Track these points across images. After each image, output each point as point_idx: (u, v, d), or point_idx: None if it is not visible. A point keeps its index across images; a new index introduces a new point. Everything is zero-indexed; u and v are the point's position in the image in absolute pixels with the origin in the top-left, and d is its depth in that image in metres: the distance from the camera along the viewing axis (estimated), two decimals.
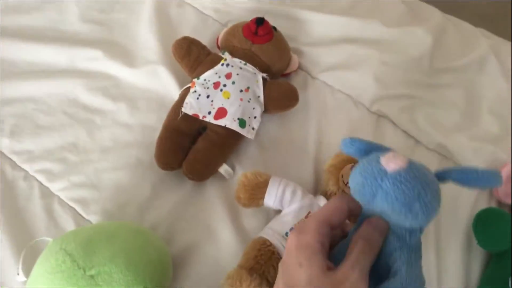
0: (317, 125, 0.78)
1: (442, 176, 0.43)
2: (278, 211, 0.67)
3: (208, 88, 0.72)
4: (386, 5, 0.93)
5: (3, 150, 0.74)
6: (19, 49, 0.83)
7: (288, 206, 0.65)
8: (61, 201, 0.70)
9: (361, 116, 0.79)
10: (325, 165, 0.68)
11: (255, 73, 0.74)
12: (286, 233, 0.62)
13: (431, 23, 0.89)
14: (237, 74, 0.72)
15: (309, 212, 0.63)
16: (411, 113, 0.78)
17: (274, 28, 0.79)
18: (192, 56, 0.75)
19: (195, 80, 0.73)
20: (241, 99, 0.71)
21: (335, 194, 0.65)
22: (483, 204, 0.71)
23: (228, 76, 0.72)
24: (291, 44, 0.84)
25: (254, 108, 0.72)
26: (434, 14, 0.93)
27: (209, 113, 0.70)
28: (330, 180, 0.66)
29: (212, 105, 0.70)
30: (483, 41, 0.87)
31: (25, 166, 0.73)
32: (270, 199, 0.65)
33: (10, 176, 0.72)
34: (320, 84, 0.82)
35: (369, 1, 0.93)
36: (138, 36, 0.86)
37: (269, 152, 0.75)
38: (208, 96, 0.71)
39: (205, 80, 0.73)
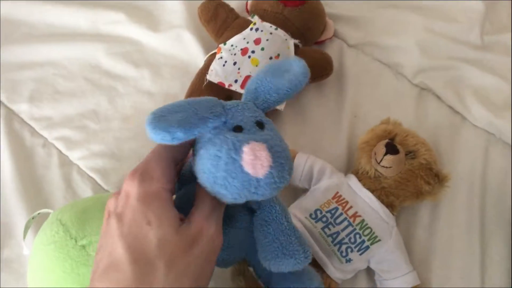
0: (353, 98, 0.72)
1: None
2: (306, 190, 0.62)
3: (235, 54, 0.66)
4: None
5: (22, 115, 0.71)
6: (40, 11, 0.79)
7: (315, 184, 0.61)
8: (80, 171, 0.68)
9: (401, 88, 0.73)
10: (358, 141, 0.63)
11: (286, 39, 0.68)
12: (310, 214, 0.57)
13: None
14: (267, 39, 0.67)
15: (337, 193, 0.59)
16: (458, 87, 0.72)
17: None
18: (218, 20, 0.70)
19: (221, 45, 0.68)
20: None
21: (367, 173, 0.59)
22: None
23: (257, 41, 0.67)
24: (327, 9, 0.77)
25: None
26: None
27: (236, 81, 0.65)
28: (362, 158, 0.60)
29: (239, 73, 0.65)
30: None
31: (44, 133, 0.70)
32: (296, 177, 0.61)
33: (29, 142, 0.70)
34: (357, 53, 0.76)
35: None
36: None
37: (300, 126, 0.71)
38: (235, 63, 0.66)
39: (232, 45, 0.67)
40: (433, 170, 0.59)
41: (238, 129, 0.36)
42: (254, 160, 0.33)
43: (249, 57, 0.66)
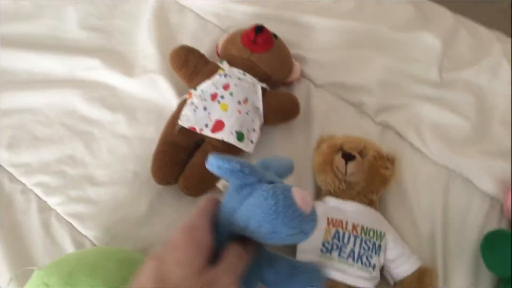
0: (322, 134, 0.75)
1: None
2: None
3: (205, 99, 0.70)
4: (394, 8, 0.89)
5: (1, 162, 0.73)
6: (19, 58, 0.82)
7: None
8: (58, 216, 0.69)
9: (366, 126, 0.77)
10: (312, 167, 0.69)
11: (254, 84, 0.72)
12: (321, 250, 0.60)
13: (442, 26, 0.85)
14: (235, 85, 0.70)
15: (328, 219, 0.62)
16: (418, 125, 0.75)
17: (275, 35, 0.76)
18: (189, 66, 0.73)
19: (192, 91, 0.71)
20: (239, 111, 0.69)
21: (339, 188, 0.65)
22: (493, 224, 0.68)
23: (226, 87, 0.70)
24: (293, 51, 0.81)
25: (253, 121, 0.70)
26: (445, 16, 0.89)
27: (206, 125, 0.68)
28: (327, 178, 0.66)
29: (209, 117, 0.68)
30: (496, 46, 0.83)
31: (23, 179, 0.72)
32: None
33: (8, 189, 0.71)
34: (323, 92, 0.80)
35: (376, 2, 0.89)
36: (137, 43, 0.85)
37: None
38: (205, 108, 0.69)
39: (202, 91, 0.70)
40: (384, 157, 0.66)
41: (271, 182, 0.42)
42: (303, 198, 0.39)
43: (219, 102, 0.69)
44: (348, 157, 0.63)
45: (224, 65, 0.73)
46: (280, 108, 0.72)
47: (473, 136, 0.74)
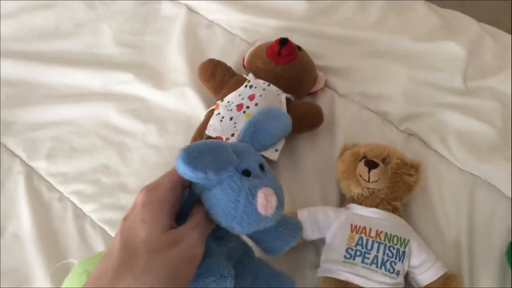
0: (345, 142, 0.76)
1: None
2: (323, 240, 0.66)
3: (231, 110, 0.72)
4: (418, 18, 0.90)
5: (40, 172, 0.77)
6: (57, 73, 0.87)
7: (328, 230, 0.65)
8: (92, 222, 0.73)
9: (389, 134, 0.77)
10: (336, 175, 0.70)
11: (278, 94, 0.74)
12: (345, 256, 0.61)
13: (466, 35, 0.85)
14: (260, 95, 0.73)
15: (351, 225, 0.63)
16: (443, 132, 0.75)
17: (299, 47, 0.78)
18: (216, 78, 0.76)
19: (218, 102, 0.74)
20: None
21: (362, 195, 0.66)
22: None
23: (251, 97, 0.73)
24: (318, 62, 0.83)
25: None
26: (470, 24, 0.89)
27: (232, 135, 0.70)
28: (351, 185, 0.66)
29: (235, 127, 0.71)
30: None
31: (60, 188, 0.76)
32: (307, 233, 0.65)
33: (46, 197, 0.75)
34: (347, 102, 0.81)
35: (399, 14, 0.91)
36: (168, 58, 0.88)
37: (294, 173, 0.75)
38: (231, 118, 0.72)
39: (228, 102, 0.73)
40: (408, 164, 0.67)
41: (246, 173, 0.43)
42: (267, 203, 0.41)
43: (244, 112, 0.72)
44: (371, 164, 0.64)
45: (250, 77, 0.75)
46: (304, 117, 0.74)
47: (499, 143, 0.74)
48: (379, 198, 0.65)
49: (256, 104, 0.72)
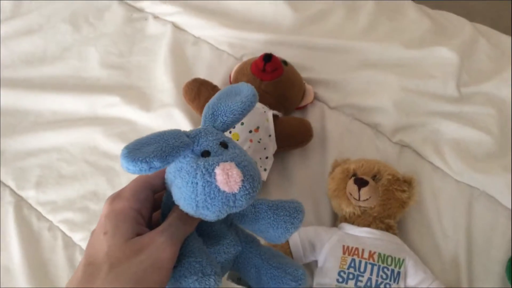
0: (336, 158, 0.74)
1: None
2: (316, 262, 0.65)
3: None
4: (409, 23, 0.88)
5: (29, 201, 0.77)
6: (44, 99, 0.86)
7: (320, 252, 0.63)
8: (82, 251, 0.72)
9: (382, 147, 0.75)
10: (327, 193, 0.68)
11: (265, 111, 0.72)
12: (337, 280, 0.59)
13: (459, 38, 0.82)
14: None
15: (343, 247, 0.61)
16: (437, 143, 0.73)
17: (284, 62, 0.76)
18: (202, 98, 0.75)
19: None
20: (251, 140, 0.69)
21: (355, 214, 0.63)
22: None
23: None
24: (306, 74, 0.81)
25: (265, 148, 0.70)
26: (463, 26, 0.86)
27: None
28: (342, 204, 0.64)
29: None
30: None
31: (50, 217, 0.75)
32: (299, 255, 0.63)
33: (36, 227, 0.74)
34: (338, 114, 0.79)
35: (390, 18, 0.88)
36: (155, 78, 0.87)
37: (286, 191, 0.73)
38: None
39: None
40: (400, 179, 0.64)
41: (206, 153, 0.40)
42: (227, 178, 0.37)
43: (230, 132, 0.70)
44: (360, 182, 0.62)
45: None
46: (292, 134, 0.72)
47: (496, 151, 0.71)
48: (371, 217, 0.63)
49: (242, 124, 0.70)
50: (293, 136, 0.73)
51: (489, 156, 0.71)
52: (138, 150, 0.37)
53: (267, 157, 0.70)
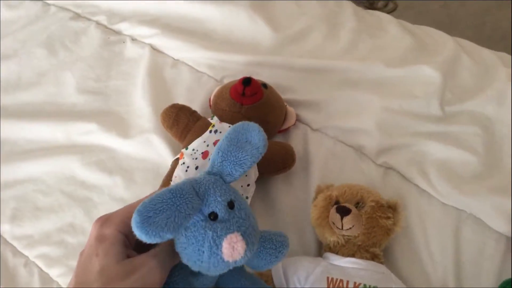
0: (320, 183, 0.72)
1: None
2: None
3: (196, 159, 0.68)
4: (390, 40, 0.86)
5: (4, 235, 0.74)
6: (19, 128, 0.84)
7: (305, 283, 0.60)
8: None
9: (367, 170, 0.73)
10: (310, 221, 0.66)
11: None
12: None
13: (441, 56, 0.81)
14: None
15: (328, 278, 0.59)
16: (422, 164, 0.71)
17: (264, 85, 0.74)
18: (180, 125, 0.73)
19: (183, 150, 0.70)
20: None
21: (339, 243, 0.61)
22: (508, 273, 0.62)
23: (216, 143, 0.69)
24: (288, 96, 0.79)
25: (246, 175, 0.68)
26: (445, 42, 0.85)
27: None
28: (325, 233, 0.62)
29: None
30: (501, 70, 0.78)
31: (26, 252, 0.72)
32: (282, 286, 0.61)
33: (11, 263, 0.72)
34: (321, 136, 0.77)
35: (371, 35, 0.87)
36: (133, 103, 0.85)
37: (269, 219, 0.71)
38: (196, 168, 0.67)
39: (193, 150, 0.69)
40: (384, 205, 0.62)
41: (213, 216, 0.42)
42: (232, 251, 0.40)
43: (210, 160, 0.68)
44: (343, 211, 0.60)
45: (215, 121, 0.72)
46: (274, 160, 0.70)
47: (482, 171, 0.69)
48: (356, 246, 0.61)
49: None
50: (274, 162, 0.70)
51: (475, 177, 0.69)
52: (150, 220, 0.37)
53: (248, 185, 0.68)
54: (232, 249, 0.40)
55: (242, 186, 0.67)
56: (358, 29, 0.89)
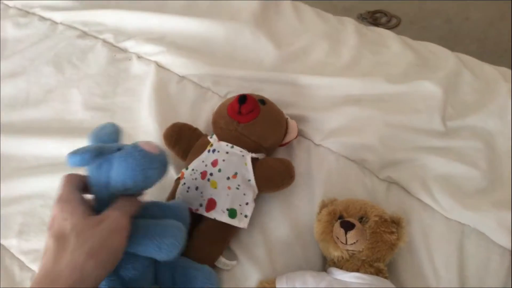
0: (323, 197, 0.72)
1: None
2: None
3: (195, 179, 0.69)
4: (392, 56, 0.87)
5: (12, 250, 0.74)
6: (27, 144, 0.85)
7: None
8: None
9: (370, 184, 0.74)
10: (315, 235, 0.66)
11: (243, 155, 0.70)
12: None
13: (443, 71, 0.82)
14: (223, 160, 0.69)
15: None
16: (425, 179, 0.71)
17: (262, 101, 0.74)
18: (182, 144, 0.74)
19: (183, 170, 0.71)
20: (229, 187, 0.67)
21: (343, 258, 0.62)
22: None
23: (214, 163, 0.69)
24: (290, 111, 0.80)
25: (245, 194, 0.68)
26: (447, 58, 0.86)
27: (201, 205, 0.67)
28: (329, 248, 0.63)
29: (202, 196, 0.67)
30: (503, 85, 0.79)
31: (32, 266, 0.73)
32: None
33: (18, 277, 0.72)
34: (324, 151, 0.78)
35: (373, 52, 0.88)
36: (139, 119, 0.86)
37: (272, 234, 0.71)
38: (197, 188, 0.68)
39: (193, 170, 0.70)
40: (388, 220, 0.63)
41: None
42: (148, 144, 0.55)
43: (208, 180, 0.68)
44: (347, 226, 0.60)
45: (213, 140, 0.72)
46: (272, 177, 0.70)
47: (485, 186, 0.70)
48: (360, 261, 0.61)
49: (220, 170, 0.69)
50: (272, 179, 0.70)
51: (478, 191, 0.69)
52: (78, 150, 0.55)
53: (247, 203, 0.68)
54: (148, 144, 0.54)
55: (240, 205, 0.67)
56: (360, 46, 0.90)
